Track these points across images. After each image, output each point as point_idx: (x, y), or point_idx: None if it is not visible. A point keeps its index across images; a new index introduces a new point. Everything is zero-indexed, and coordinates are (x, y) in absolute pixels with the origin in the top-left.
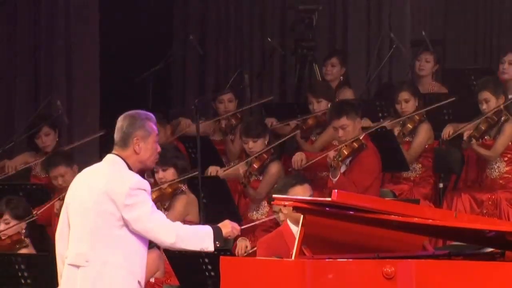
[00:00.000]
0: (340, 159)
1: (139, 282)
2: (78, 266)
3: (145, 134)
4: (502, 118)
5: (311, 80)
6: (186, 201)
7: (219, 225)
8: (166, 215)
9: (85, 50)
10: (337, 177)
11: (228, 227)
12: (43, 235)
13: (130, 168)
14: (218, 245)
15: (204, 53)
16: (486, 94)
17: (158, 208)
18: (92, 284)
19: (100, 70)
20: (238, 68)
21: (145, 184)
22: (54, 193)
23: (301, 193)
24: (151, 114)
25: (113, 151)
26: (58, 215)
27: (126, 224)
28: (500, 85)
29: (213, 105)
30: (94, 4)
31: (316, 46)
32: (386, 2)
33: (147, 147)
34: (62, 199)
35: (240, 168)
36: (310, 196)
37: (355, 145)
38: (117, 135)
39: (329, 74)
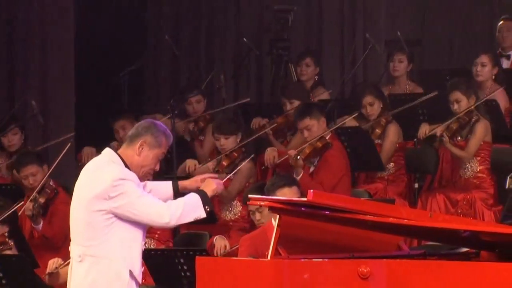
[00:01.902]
0: (299, 158)
1: (131, 272)
2: (74, 261)
3: (154, 144)
4: (473, 119)
5: (286, 80)
6: None
7: (202, 186)
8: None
9: (60, 51)
10: (300, 175)
11: (212, 184)
12: (19, 237)
13: (126, 166)
14: (208, 209)
15: (178, 53)
16: (457, 95)
17: None
18: (83, 279)
19: (75, 70)
20: (213, 69)
21: (129, 174)
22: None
23: (289, 194)
24: (170, 134)
25: (119, 149)
26: (29, 216)
27: (117, 216)
28: (472, 86)
29: (184, 106)
30: (70, 5)
31: (291, 46)
32: (361, 2)
33: (149, 156)
34: (33, 200)
35: (210, 165)
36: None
37: (319, 144)
38: (129, 133)
39: (304, 74)
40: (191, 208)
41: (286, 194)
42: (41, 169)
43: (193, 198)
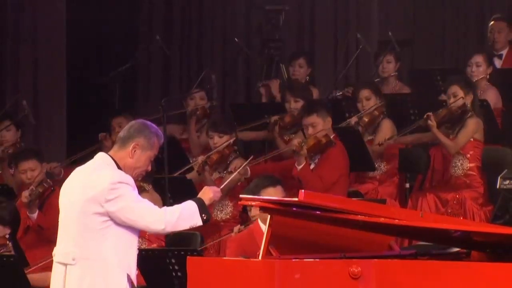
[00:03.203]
0: (304, 146)
1: (128, 275)
2: (65, 264)
3: (147, 145)
4: (467, 115)
5: (282, 80)
6: (149, 199)
7: (200, 194)
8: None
9: (51, 51)
10: (302, 165)
11: (209, 193)
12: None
13: (119, 168)
14: (205, 218)
15: (170, 53)
16: (455, 89)
17: None
18: (79, 282)
19: (67, 70)
20: (204, 69)
21: (127, 178)
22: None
23: (273, 194)
24: (161, 135)
25: (110, 151)
26: (25, 204)
27: (113, 219)
28: (471, 83)
29: (183, 101)
30: (62, 4)
31: (283, 46)
32: (353, 2)
33: (141, 158)
34: (30, 190)
35: (200, 159)
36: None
37: (323, 140)
38: (121, 134)
39: (296, 74)
40: (187, 215)
41: (271, 194)
42: (40, 165)
43: (190, 206)
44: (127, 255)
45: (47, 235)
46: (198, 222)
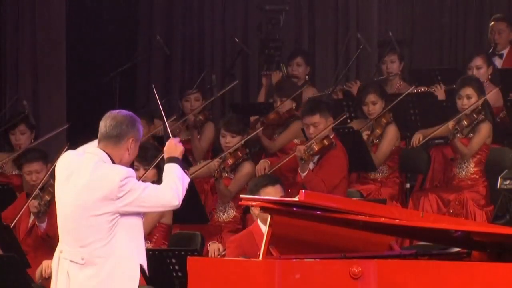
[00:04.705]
0: (311, 153)
1: (140, 265)
2: (73, 262)
3: (139, 136)
4: (479, 118)
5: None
6: None
7: (170, 152)
8: (142, 217)
9: (51, 50)
10: (306, 172)
11: (176, 146)
12: (10, 236)
13: (113, 162)
14: (187, 172)
15: (170, 53)
16: (469, 90)
17: None
18: (91, 279)
19: (67, 70)
20: (204, 69)
21: (130, 171)
22: (19, 192)
23: (273, 193)
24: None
25: (99, 146)
26: (34, 213)
27: (120, 214)
28: (482, 86)
29: (179, 103)
30: (61, 5)
31: (283, 46)
32: (353, 2)
33: (136, 148)
34: (38, 197)
35: (216, 163)
36: (281, 197)
37: (326, 142)
38: (112, 131)
39: (295, 73)
40: (181, 178)
41: (270, 193)
42: (45, 167)
43: (177, 169)
44: (136, 246)
45: (53, 243)
46: (187, 179)
